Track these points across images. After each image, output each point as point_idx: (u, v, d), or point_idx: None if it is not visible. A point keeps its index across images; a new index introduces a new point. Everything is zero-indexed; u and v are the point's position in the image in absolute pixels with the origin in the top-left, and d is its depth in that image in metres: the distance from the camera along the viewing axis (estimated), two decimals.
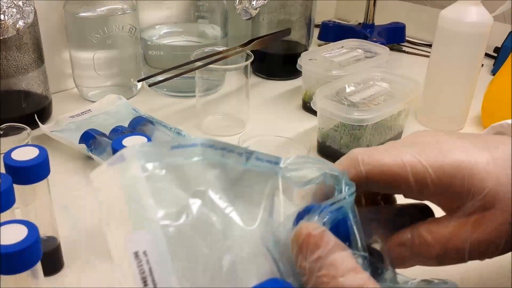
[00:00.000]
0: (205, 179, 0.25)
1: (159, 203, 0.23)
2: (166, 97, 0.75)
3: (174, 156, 0.25)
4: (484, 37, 0.63)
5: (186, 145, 0.25)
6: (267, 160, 0.27)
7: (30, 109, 0.63)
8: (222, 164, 0.26)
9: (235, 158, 0.26)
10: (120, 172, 0.23)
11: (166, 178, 0.24)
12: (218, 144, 0.26)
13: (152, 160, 0.24)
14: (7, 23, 0.55)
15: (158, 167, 0.24)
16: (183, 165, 0.25)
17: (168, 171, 0.24)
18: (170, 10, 0.75)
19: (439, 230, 0.29)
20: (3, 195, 0.33)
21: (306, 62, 0.70)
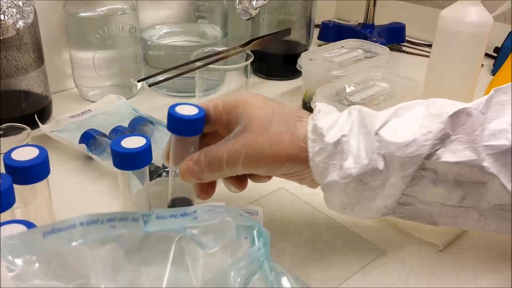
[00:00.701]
0: (96, 263, 0.23)
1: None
2: (166, 97, 0.75)
3: (49, 244, 0.22)
4: (484, 37, 0.63)
5: (62, 228, 0.23)
6: (170, 216, 0.26)
7: (30, 109, 0.63)
8: (115, 237, 0.24)
9: (130, 226, 0.25)
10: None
11: (39, 273, 0.22)
12: (105, 217, 0.24)
13: (21, 254, 0.22)
14: (7, 23, 0.55)
15: (29, 261, 0.22)
16: (61, 253, 0.23)
17: (41, 264, 0.22)
18: (170, 10, 0.75)
19: (211, 147, 0.39)
20: (3, 195, 0.33)
21: (306, 62, 0.70)
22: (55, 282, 0.22)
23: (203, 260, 0.27)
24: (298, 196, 0.52)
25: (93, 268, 0.23)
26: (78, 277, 0.23)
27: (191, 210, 0.28)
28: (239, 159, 0.37)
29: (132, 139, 0.40)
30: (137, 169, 0.40)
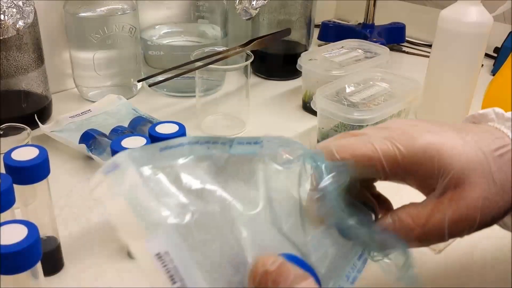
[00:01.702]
0: (198, 174, 0.26)
1: (163, 204, 0.24)
2: (166, 97, 0.75)
3: (164, 158, 0.25)
4: (484, 37, 0.63)
5: (174, 145, 0.26)
6: (247, 142, 0.29)
7: (30, 109, 0.63)
8: (209, 156, 0.27)
9: (220, 148, 0.28)
10: (117, 181, 0.24)
11: (161, 180, 0.25)
12: (202, 139, 0.27)
13: (144, 164, 0.24)
14: (7, 23, 0.55)
15: (151, 170, 0.25)
16: (174, 165, 0.25)
17: (161, 173, 0.25)
18: (170, 10, 0.75)
19: (418, 212, 0.29)
20: (3, 195, 0.33)
21: (306, 62, 0.70)
22: (174, 189, 0.25)
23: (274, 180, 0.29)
24: None
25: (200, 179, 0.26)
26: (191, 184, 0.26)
27: (261, 140, 0.30)
28: (472, 224, 0.28)
29: (132, 139, 0.40)
30: None
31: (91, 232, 0.47)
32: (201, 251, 0.24)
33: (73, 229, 0.47)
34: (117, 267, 0.43)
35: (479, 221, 0.28)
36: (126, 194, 0.23)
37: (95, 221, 0.48)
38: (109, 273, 0.43)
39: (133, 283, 0.42)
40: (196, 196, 0.25)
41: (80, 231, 0.47)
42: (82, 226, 0.48)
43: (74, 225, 0.48)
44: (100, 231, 0.47)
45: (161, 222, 0.23)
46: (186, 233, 0.24)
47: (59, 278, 0.42)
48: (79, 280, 0.42)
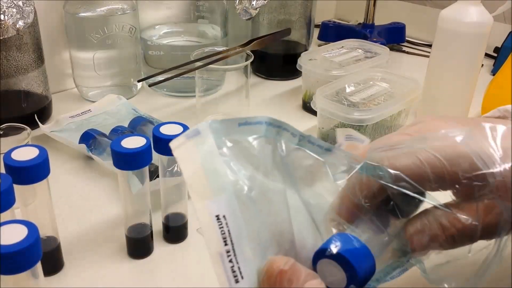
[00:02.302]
0: (264, 154, 0.28)
1: (232, 172, 0.26)
2: (166, 97, 0.75)
3: (240, 132, 0.28)
4: (484, 37, 0.63)
5: (252, 122, 0.28)
6: (318, 145, 0.30)
7: (30, 109, 0.63)
8: (276, 141, 0.29)
9: (287, 137, 0.29)
10: (196, 145, 0.26)
11: (234, 152, 0.27)
12: (276, 122, 0.29)
13: (222, 135, 0.27)
14: (7, 23, 0.55)
15: (227, 141, 0.27)
16: (247, 141, 0.28)
17: (235, 146, 0.27)
18: (170, 10, 0.75)
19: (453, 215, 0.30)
20: (3, 195, 0.33)
21: (306, 62, 0.70)
22: (244, 162, 0.27)
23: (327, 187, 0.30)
24: None
25: (266, 159, 0.28)
26: (257, 161, 0.28)
27: (333, 148, 0.31)
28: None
29: (132, 139, 0.40)
30: (137, 169, 0.40)
31: (91, 232, 0.47)
32: (254, 223, 0.26)
33: (73, 229, 0.47)
34: (117, 267, 0.43)
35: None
36: (201, 158, 0.26)
37: (95, 221, 0.48)
38: (109, 273, 0.43)
39: (133, 283, 0.42)
40: (260, 173, 0.27)
41: (80, 231, 0.47)
42: (82, 226, 0.48)
43: (74, 225, 0.48)
44: (100, 231, 0.47)
45: (226, 187, 0.25)
46: (246, 203, 0.26)
47: (59, 278, 0.42)
48: (79, 280, 0.42)
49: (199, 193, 0.25)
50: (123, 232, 0.44)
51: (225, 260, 0.25)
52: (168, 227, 0.46)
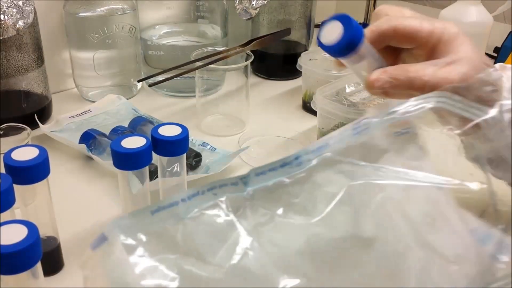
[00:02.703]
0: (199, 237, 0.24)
1: (150, 279, 0.22)
2: (166, 97, 0.75)
3: (157, 222, 0.24)
4: (484, 37, 0.63)
5: (167, 205, 0.25)
6: (270, 170, 0.27)
7: (30, 109, 0.63)
8: (219, 204, 0.26)
9: (231, 190, 0.26)
10: (103, 257, 0.23)
11: (153, 246, 0.23)
12: (205, 187, 0.26)
13: (134, 233, 0.23)
14: (7, 23, 0.55)
15: (143, 236, 0.23)
16: (167, 228, 0.24)
17: (154, 238, 0.23)
18: (170, 10, 0.75)
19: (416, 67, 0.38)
20: (3, 195, 0.33)
21: (306, 62, 0.70)
22: (169, 256, 0.23)
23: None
24: None
25: (204, 240, 0.24)
26: (189, 251, 0.24)
27: (291, 158, 0.28)
28: (445, 88, 0.36)
29: (132, 139, 0.40)
30: (137, 169, 0.40)
31: (91, 232, 0.47)
32: None
33: (73, 229, 0.47)
34: None
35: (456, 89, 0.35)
36: (110, 274, 0.23)
37: (95, 221, 0.48)
38: None
39: None
40: (192, 258, 0.24)
41: (80, 231, 0.47)
42: (82, 226, 0.48)
43: (74, 225, 0.48)
44: (100, 231, 0.47)
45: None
46: None
47: (59, 278, 0.42)
48: (79, 280, 0.42)
49: None
50: None
51: None
52: None
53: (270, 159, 0.28)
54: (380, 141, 0.29)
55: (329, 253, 0.26)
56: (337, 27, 0.35)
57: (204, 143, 0.59)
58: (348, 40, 0.35)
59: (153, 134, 0.41)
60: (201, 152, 0.56)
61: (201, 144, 0.59)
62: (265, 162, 0.28)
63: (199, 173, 0.54)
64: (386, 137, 0.29)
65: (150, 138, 0.41)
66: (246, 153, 0.59)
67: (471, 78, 0.36)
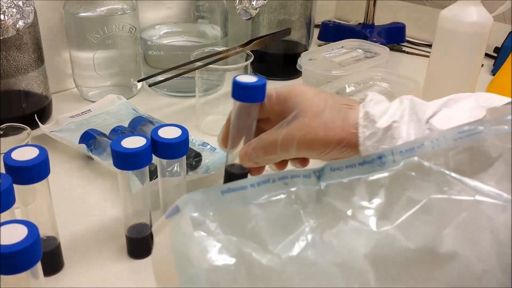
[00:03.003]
0: (258, 220, 0.25)
1: (209, 256, 0.23)
2: (166, 97, 0.75)
3: (226, 202, 0.25)
4: (484, 37, 0.63)
5: (237, 188, 0.25)
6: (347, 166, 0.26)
7: (30, 109, 0.63)
8: (288, 194, 0.25)
9: (302, 182, 0.26)
10: (173, 227, 0.24)
11: (217, 229, 0.24)
12: (276, 176, 0.26)
13: (203, 209, 0.24)
14: (7, 23, 0.55)
15: (209, 216, 0.24)
16: (235, 210, 0.25)
17: (221, 221, 0.24)
18: (170, 10, 0.75)
19: (267, 133, 0.41)
20: (3, 195, 0.33)
21: (306, 62, 0.70)
22: (228, 236, 0.24)
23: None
24: None
25: (268, 228, 0.24)
26: (251, 236, 0.24)
27: (374, 157, 0.27)
28: (293, 143, 0.39)
29: (132, 139, 0.40)
30: (137, 169, 0.40)
31: (91, 232, 0.47)
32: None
33: (73, 229, 0.47)
34: (117, 267, 0.43)
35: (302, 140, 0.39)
36: (174, 244, 0.24)
37: (95, 221, 0.48)
38: (109, 273, 0.43)
39: (133, 283, 0.42)
40: (252, 243, 0.24)
41: (80, 231, 0.47)
42: (82, 226, 0.48)
43: (74, 225, 0.48)
44: (100, 231, 0.47)
45: (198, 277, 0.23)
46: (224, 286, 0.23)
47: (59, 278, 0.42)
48: (79, 280, 0.42)
49: (166, 278, 0.23)
50: (123, 232, 0.44)
51: None
52: None
53: None
54: (492, 148, 0.26)
55: (397, 263, 0.24)
56: (254, 78, 0.42)
57: (204, 143, 0.59)
58: (263, 86, 0.41)
59: (153, 137, 0.41)
60: (201, 152, 0.56)
61: (201, 144, 0.59)
62: None
63: (199, 173, 0.54)
64: (500, 144, 0.26)
65: (150, 140, 0.41)
66: None
67: (318, 122, 0.39)
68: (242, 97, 0.42)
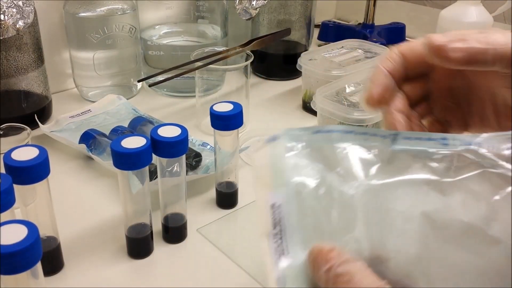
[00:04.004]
0: (344, 158, 0.29)
1: (298, 173, 0.28)
2: (166, 97, 0.75)
3: (315, 139, 0.29)
4: None
5: (325, 130, 0.29)
6: (415, 138, 0.29)
7: (30, 109, 0.63)
8: (368, 147, 0.29)
9: (380, 141, 0.29)
10: (271, 148, 0.29)
11: (307, 156, 0.29)
12: (358, 130, 0.29)
13: (297, 141, 0.29)
14: (7, 23, 0.55)
15: (302, 146, 0.29)
16: (324, 145, 0.29)
17: (310, 150, 0.29)
18: (170, 10, 0.75)
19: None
20: (3, 195, 0.34)
21: (306, 62, 0.70)
22: (316, 166, 0.28)
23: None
24: None
25: (347, 166, 0.28)
26: (334, 169, 0.28)
27: (437, 136, 0.29)
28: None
29: (132, 139, 0.40)
30: (137, 169, 0.40)
31: (91, 232, 0.47)
32: (313, 217, 0.27)
33: (73, 229, 0.47)
34: (117, 267, 0.43)
35: None
36: (272, 158, 0.29)
37: (95, 221, 0.48)
38: (109, 273, 0.43)
39: (133, 283, 0.42)
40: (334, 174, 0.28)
41: (80, 231, 0.47)
42: (82, 226, 0.48)
43: (74, 225, 0.48)
44: (100, 231, 0.47)
45: (288, 184, 0.28)
46: (307, 199, 0.28)
47: (59, 278, 0.42)
48: (79, 280, 0.42)
49: (263, 185, 0.28)
50: (123, 232, 0.44)
51: (272, 240, 0.26)
52: (167, 227, 0.46)
53: None
54: None
55: (445, 231, 0.27)
56: (231, 106, 0.46)
57: (204, 143, 0.59)
58: (240, 114, 0.45)
59: (153, 135, 0.41)
60: (201, 152, 0.56)
61: (201, 144, 0.59)
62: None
63: (199, 173, 0.54)
64: None
65: (150, 139, 0.41)
66: (246, 153, 0.59)
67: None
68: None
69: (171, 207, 0.46)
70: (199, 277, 0.43)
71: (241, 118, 0.47)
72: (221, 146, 0.49)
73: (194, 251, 0.46)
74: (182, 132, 0.42)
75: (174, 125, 0.43)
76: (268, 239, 0.26)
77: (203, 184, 0.54)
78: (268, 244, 0.26)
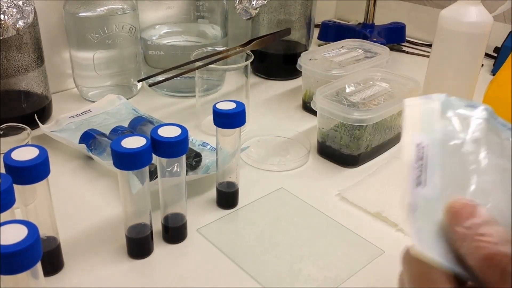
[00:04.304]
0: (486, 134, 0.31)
1: (443, 125, 0.30)
2: (166, 97, 0.75)
3: (464, 111, 0.31)
4: (484, 37, 0.63)
5: (475, 106, 0.32)
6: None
7: (30, 109, 0.63)
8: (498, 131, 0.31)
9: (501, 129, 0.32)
10: (424, 104, 0.32)
11: (452, 119, 0.31)
12: (493, 116, 0.32)
13: (447, 107, 0.31)
14: (7, 23, 0.55)
15: (454, 110, 0.31)
16: (499, 128, 0.31)
17: (459, 117, 0.31)
18: (170, 10, 0.75)
19: None
20: (3, 195, 0.33)
21: (306, 62, 0.70)
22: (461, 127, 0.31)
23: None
24: (298, 196, 0.52)
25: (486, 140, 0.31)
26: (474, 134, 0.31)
27: None
28: None
29: (132, 139, 0.40)
30: (137, 169, 0.40)
31: (91, 232, 0.47)
32: (451, 168, 0.29)
33: (73, 229, 0.47)
34: (117, 267, 0.43)
35: None
36: (423, 110, 0.31)
37: (95, 221, 0.48)
38: (109, 273, 0.43)
39: (133, 283, 0.42)
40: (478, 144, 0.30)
41: (80, 231, 0.47)
42: (82, 226, 0.48)
43: (74, 225, 0.48)
44: (100, 231, 0.47)
45: (435, 132, 0.30)
46: (449, 152, 0.30)
47: (59, 278, 0.42)
48: (79, 280, 0.42)
49: (411, 127, 0.30)
50: (123, 232, 0.44)
51: (414, 171, 0.28)
52: (167, 227, 0.46)
53: (270, 159, 0.28)
54: None
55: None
56: (233, 104, 0.46)
57: (204, 143, 0.59)
58: (243, 112, 0.46)
59: (153, 135, 0.41)
60: (201, 152, 0.56)
61: (201, 144, 0.59)
62: (265, 162, 0.28)
63: (199, 173, 0.54)
64: None
65: (150, 139, 0.41)
66: (246, 153, 0.59)
67: None
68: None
69: (171, 207, 0.46)
70: (199, 277, 0.43)
71: (244, 117, 0.47)
72: (222, 145, 0.49)
73: (194, 251, 0.46)
74: (182, 132, 0.42)
75: (174, 125, 0.43)
76: (411, 169, 0.28)
77: (203, 184, 0.54)
78: (409, 175, 0.28)
